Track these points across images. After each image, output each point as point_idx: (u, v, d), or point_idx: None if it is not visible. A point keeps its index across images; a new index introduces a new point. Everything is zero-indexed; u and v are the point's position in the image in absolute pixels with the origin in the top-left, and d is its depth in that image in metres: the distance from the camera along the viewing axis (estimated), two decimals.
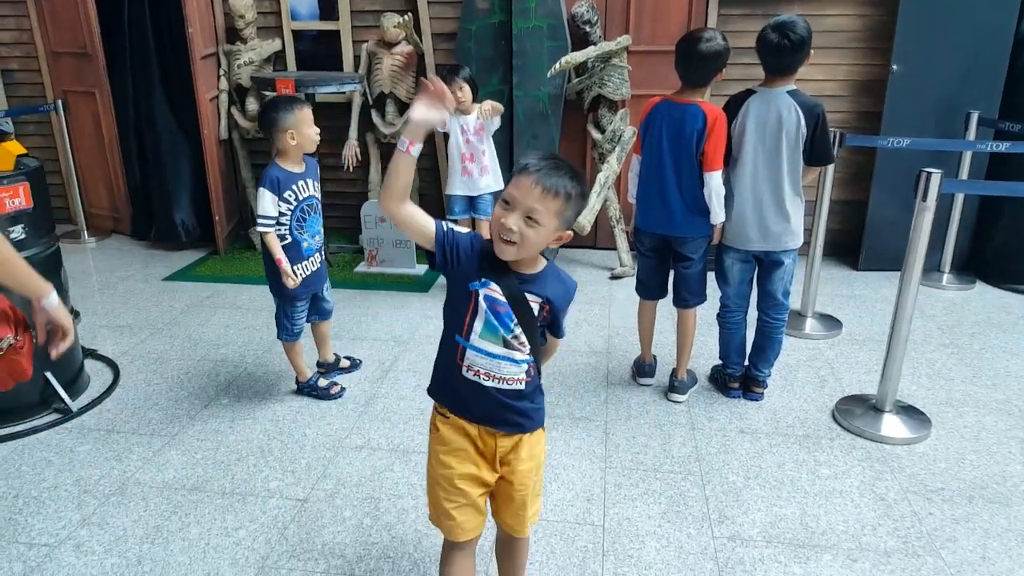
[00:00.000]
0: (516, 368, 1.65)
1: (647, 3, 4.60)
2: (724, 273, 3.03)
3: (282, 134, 2.76)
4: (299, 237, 2.89)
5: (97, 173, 5.40)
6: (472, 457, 1.70)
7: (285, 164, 2.82)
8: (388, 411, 3.04)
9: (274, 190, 2.77)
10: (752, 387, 3.14)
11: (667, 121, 2.81)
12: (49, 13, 5.11)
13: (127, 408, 3.07)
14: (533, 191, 1.53)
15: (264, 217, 2.79)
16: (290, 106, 2.77)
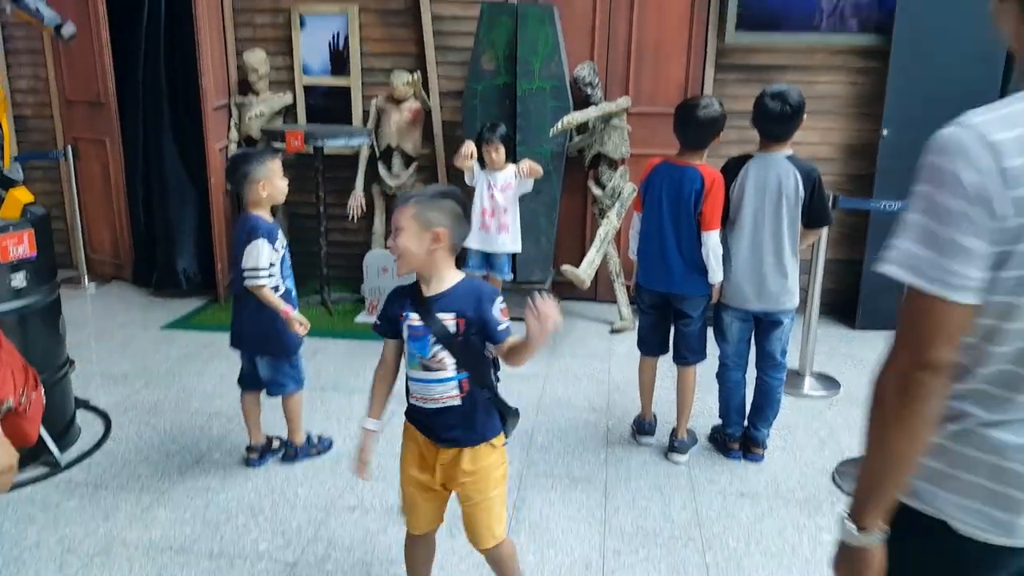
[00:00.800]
0: (443, 386, 1.85)
1: (646, 67, 4.71)
2: (723, 331, 3.04)
3: (253, 185, 2.70)
4: (289, 285, 2.84)
5: (102, 219, 5.45)
6: (419, 463, 1.95)
7: (264, 215, 2.76)
8: (383, 469, 3.00)
9: (271, 241, 2.70)
10: (752, 448, 3.11)
11: (667, 182, 2.89)
12: (66, 62, 5.23)
13: (117, 462, 3.04)
14: (394, 216, 1.84)
15: (259, 270, 2.67)
16: (261, 158, 2.74)
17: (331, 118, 5.10)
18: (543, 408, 3.56)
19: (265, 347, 2.83)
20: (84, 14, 4.84)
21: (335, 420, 3.42)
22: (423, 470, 1.94)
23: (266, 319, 2.74)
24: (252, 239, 2.67)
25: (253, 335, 2.82)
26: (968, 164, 0.98)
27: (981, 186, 0.97)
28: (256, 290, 2.68)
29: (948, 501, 1.09)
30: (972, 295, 0.99)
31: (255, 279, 2.66)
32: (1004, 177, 0.96)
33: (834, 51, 4.53)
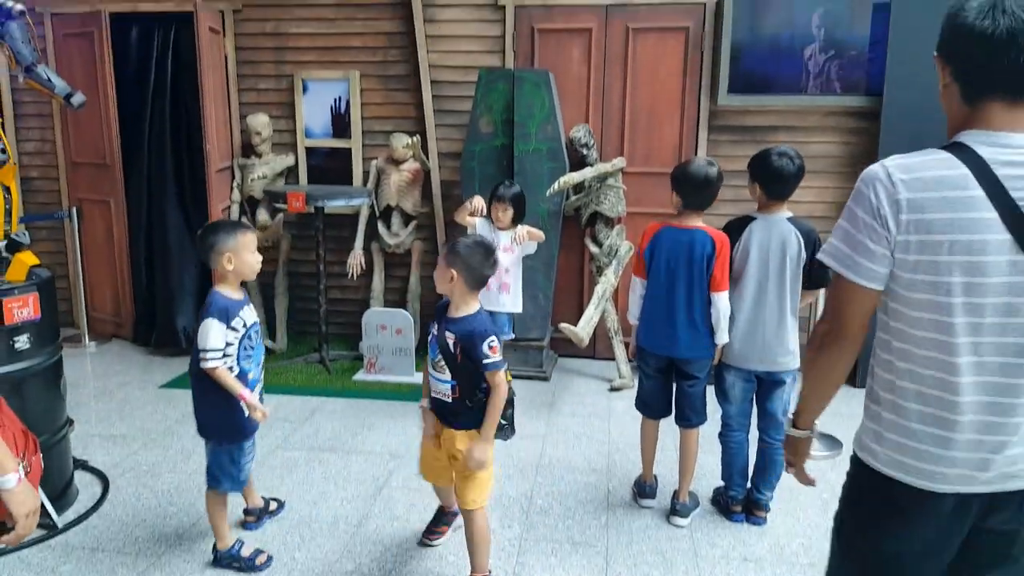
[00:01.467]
0: (443, 385, 2.48)
1: (640, 128, 4.83)
2: (725, 392, 3.05)
3: (219, 257, 2.55)
4: (246, 367, 2.62)
5: (104, 278, 5.50)
6: (433, 435, 2.58)
7: (226, 291, 2.60)
8: (380, 533, 2.99)
9: (223, 319, 2.53)
10: (755, 511, 3.09)
11: (675, 246, 2.92)
12: (73, 125, 5.35)
13: (114, 524, 3.02)
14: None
15: (211, 351, 2.49)
16: (232, 230, 2.59)
17: (332, 178, 5.20)
18: (542, 469, 3.55)
19: (211, 431, 2.65)
20: (92, 78, 4.98)
21: (332, 482, 3.40)
22: (433, 440, 2.59)
23: (215, 401, 2.57)
24: (203, 318, 2.53)
25: (201, 416, 2.65)
26: (877, 190, 1.39)
27: (881, 207, 1.38)
28: (209, 372, 2.50)
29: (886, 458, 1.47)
30: (875, 283, 1.42)
31: (205, 361, 2.49)
32: (898, 205, 1.37)
33: (825, 112, 4.65)
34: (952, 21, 1.39)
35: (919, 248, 1.36)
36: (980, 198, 1.32)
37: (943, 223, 1.34)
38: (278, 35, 5.11)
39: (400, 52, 5.00)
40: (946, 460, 1.39)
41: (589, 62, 4.78)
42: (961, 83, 1.40)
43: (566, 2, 4.73)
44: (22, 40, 3.19)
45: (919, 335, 1.40)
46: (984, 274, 1.33)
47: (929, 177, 1.36)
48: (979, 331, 1.35)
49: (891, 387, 1.45)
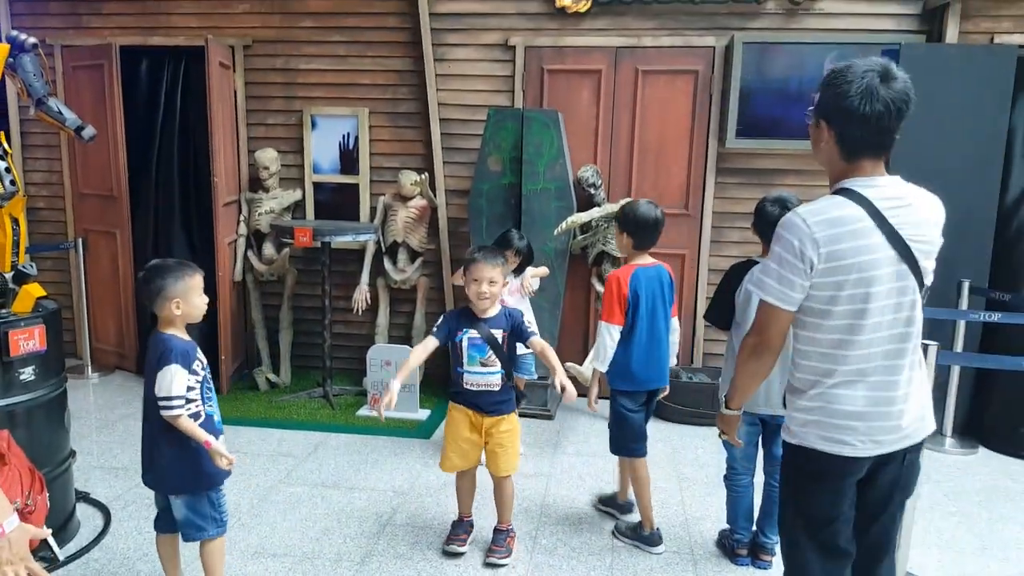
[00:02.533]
0: (492, 377, 2.90)
1: (648, 169, 4.88)
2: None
3: (166, 302, 2.39)
4: (210, 411, 2.48)
5: (108, 310, 5.49)
6: (468, 427, 2.96)
7: (178, 334, 2.45)
8: (384, 571, 2.94)
9: (185, 364, 2.37)
10: (760, 555, 3.06)
11: (650, 283, 3.09)
12: (81, 157, 5.39)
13: (116, 558, 2.98)
14: (487, 268, 2.84)
15: (175, 398, 2.33)
16: (179, 273, 2.42)
17: (339, 213, 5.23)
18: (547, 508, 3.51)
19: (182, 484, 2.47)
20: (101, 110, 5.04)
21: (335, 519, 3.36)
22: (472, 431, 2.96)
23: (183, 452, 2.41)
24: (163, 364, 2.35)
25: (167, 470, 2.45)
26: (796, 235, 1.80)
27: (802, 247, 1.79)
28: (172, 421, 2.34)
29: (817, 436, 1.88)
30: (793, 307, 1.86)
31: (169, 409, 2.33)
32: (816, 242, 1.78)
33: None
34: (837, 102, 1.80)
35: (834, 271, 1.79)
36: (871, 227, 1.79)
37: (850, 249, 1.78)
38: (288, 71, 5.18)
39: (409, 90, 5.06)
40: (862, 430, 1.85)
41: (598, 103, 4.84)
42: (840, 145, 1.84)
43: (576, 44, 4.81)
44: (34, 73, 3.23)
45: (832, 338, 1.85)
46: (879, 283, 1.80)
47: (834, 217, 1.80)
48: (878, 328, 1.82)
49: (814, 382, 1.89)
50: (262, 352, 5.22)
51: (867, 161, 1.84)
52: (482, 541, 3.14)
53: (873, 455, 1.87)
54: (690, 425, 4.62)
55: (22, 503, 2.42)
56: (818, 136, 1.89)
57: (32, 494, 2.62)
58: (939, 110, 4.33)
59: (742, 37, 4.60)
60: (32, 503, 2.58)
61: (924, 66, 4.31)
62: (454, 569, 2.97)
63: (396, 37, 5.03)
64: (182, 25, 5.21)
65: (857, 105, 1.77)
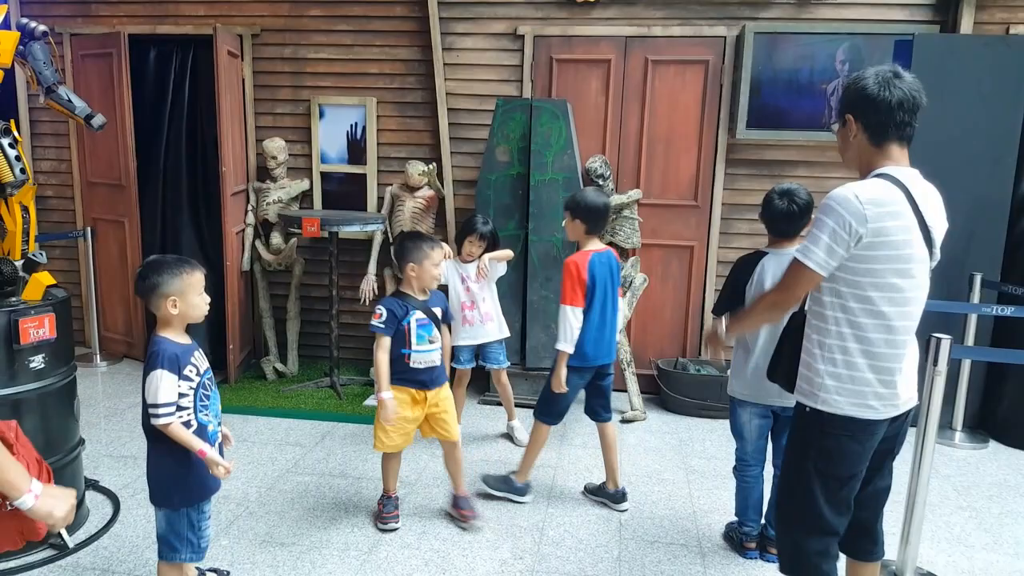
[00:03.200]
0: (435, 353, 3.12)
1: (657, 160, 4.85)
2: (741, 429, 3.02)
3: (162, 300, 2.24)
4: (203, 420, 2.31)
5: (116, 298, 5.51)
6: (409, 406, 3.12)
7: (172, 336, 2.29)
8: (392, 560, 2.95)
9: (173, 369, 2.22)
10: (770, 548, 3.04)
11: (603, 268, 3.28)
12: (89, 146, 5.39)
13: (125, 546, 2.99)
14: (439, 254, 3.13)
15: (163, 405, 2.18)
16: (177, 270, 2.27)
17: (347, 203, 5.22)
18: (554, 500, 3.51)
19: (163, 496, 2.32)
20: (110, 99, 5.03)
21: (343, 508, 3.37)
22: (415, 408, 3.14)
23: (171, 462, 2.27)
24: (150, 368, 2.22)
25: (151, 479, 2.33)
26: (848, 209, 1.93)
27: (853, 221, 1.93)
28: (163, 429, 2.20)
29: (845, 402, 2.05)
30: (826, 273, 2.00)
31: (156, 417, 2.19)
32: (866, 217, 1.92)
33: None
34: (860, 94, 2.01)
35: (878, 246, 1.95)
36: (908, 210, 1.97)
37: (894, 228, 1.95)
38: (296, 60, 5.16)
39: (417, 80, 5.04)
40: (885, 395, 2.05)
41: (607, 93, 4.81)
42: (869, 133, 2.02)
43: (585, 33, 4.78)
44: (44, 61, 3.22)
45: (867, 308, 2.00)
46: (914, 261, 2.00)
47: (882, 196, 1.95)
48: (907, 302, 2.01)
49: (844, 349, 2.04)
50: (269, 342, 5.22)
51: (895, 147, 2.03)
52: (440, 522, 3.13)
53: (889, 417, 2.08)
54: (698, 418, 4.62)
55: None
56: (846, 133, 2.08)
57: None
58: (953, 102, 4.29)
59: (753, 27, 4.55)
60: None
61: (938, 57, 4.28)
62: (461, 559, 2.97)
63: (404, 26, 5.00)
64: (190, 14, 5.20)
65: (878, 92, 1.99)
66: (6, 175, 3.00)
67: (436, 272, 3.10)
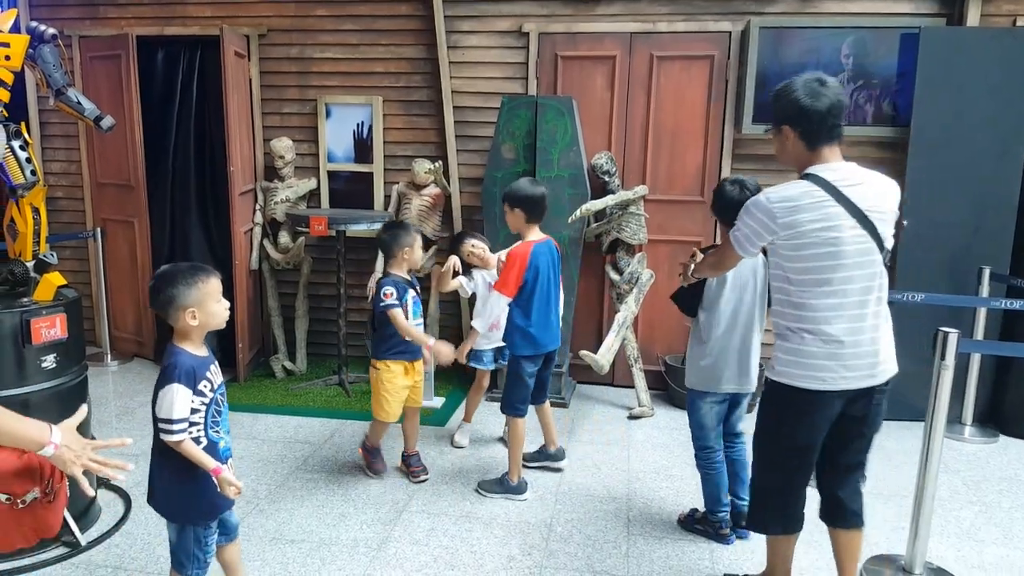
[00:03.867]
0: (421, 327, 3.51)
1: (663, 156, 4.84)
2: (701, 420, 3.07)
3: (180, 312, 2.13)
4: (215, 437, 2.21)
5: (126, 298, 5.55)
6: (402, 377, 3.52)
7: (190, 348, 2.17)
8: (401, 557, 2.97)
9: (189, 384, 2.11)
10: (740, 522, 3.07)
11: (546, 258, 3.41)
12: (98, 147, 5.43)
13: (137, 543, 3.02)
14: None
15: (176, 421, 2.09)
16: (192, 279, 2.13)
17: (354, 202, 5.24)
18: (562, 497, 3.52)
19: (173, 512, 2.26)
20: (118, 100, 5.07)
21: (352, 505, 3.39)
22: (407, 377, 3.54)
23: (182, 479, 2.19)
24: (165, 382, 2.11)
25: (161, 494, 2.26)
26: (760, 210, 2.28)
27: (766, 220, 2.27)
28: (174, 446, 2.12)
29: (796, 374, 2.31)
30: (747, 255, 2.43)
31: (168, 433, 2.09)
32: (774, 215, 2.24)
33: (851, 143, 4.63)
34: (794, 104, 2.26)
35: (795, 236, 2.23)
36: (828, 200, 2.22)
37: (807, 219, 2.21)
38: (302, 60, 5.18)
39: (423, 78, 5.05)
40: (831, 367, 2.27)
41: (613, 89, 4.81)
42: (804, 140, 2.29)
43: (590, 30, 4.78)
44: (53, 64, 3.25)
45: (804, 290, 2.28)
46: (844, 244, 2.21)
47: (791, 195, 2.25)
48: (847, 281, 2.24)
49: (789, 328, 2.32)
50: (278, 340, 5.25)
51: (826, 149, 2.29)
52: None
53: (841, 389, 2.28)
54: None
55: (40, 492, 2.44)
56: (783, 141, 2.34)
57: (52, 482, 2.65)
58: (960, 95, 4.28)
59: (758, 22, 4.55)
60: (52, 491, 2.61)
61: (945, 50, 4.26)
62: (470, 555, 2.99)
63: (409, 25, 5.02)
64: (197, 15, 5.23)
65: (811, 104, 2.24)
66: (17, 177, 3.03)
67: (419, 255, 3.55)
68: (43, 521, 1.94)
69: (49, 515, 2.04)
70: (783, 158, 2.38)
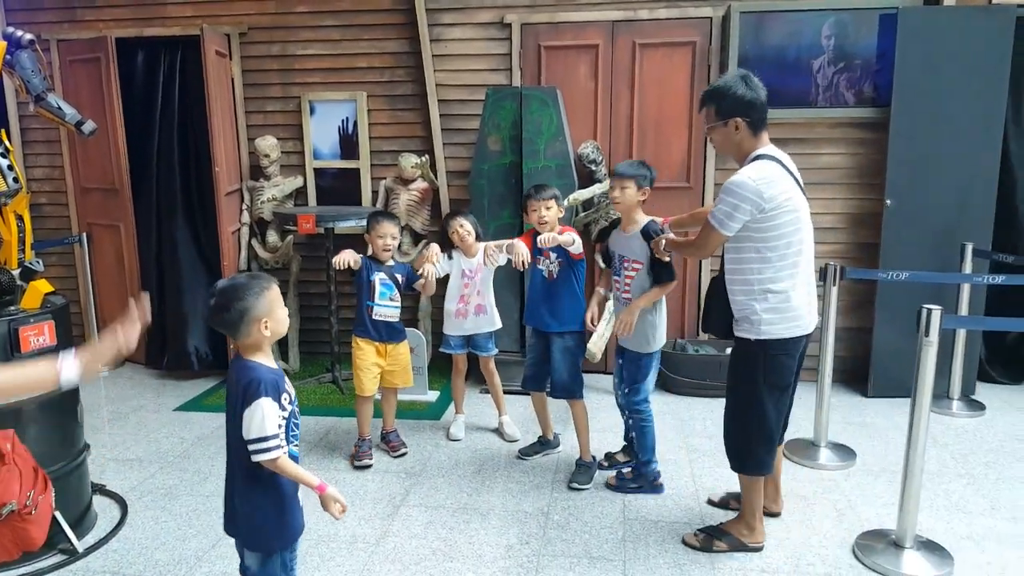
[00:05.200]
0: (396, 310, 3.74)
1: (648, 144, 4.86)
2: (654, 376, 3.44)
3: (254, 325, 2.00)
4: (294, 452, 2.09)
5: (115, 303, 5.52)
6: (375, 355, 3.75)
7: (264, 361, 2.05)
8: (399, 551, 2.99)
9: (276, 397, 2.00)
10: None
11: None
12: (81, 152, 5.39)
13: (134, 548, 3.02)
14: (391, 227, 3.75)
15: (272, 438, 1.96)
16: (258, 288, 2.02)
17: (341, 198, 5.23)
18: (557, 485, 3.55)
19: (262, 540, 2.11)
20: (99, 103, 5.03)
21: (349, 501, 3.33)
22: (378, 357, 3.76)
23: (272, 502, 2.07)
24: (253, 398, 1.97)
25: (248, 521, 2.09)
26: (746, 190, 2.54)
27: (753, 197, 2.54)
28: (270, 465, 1.98)
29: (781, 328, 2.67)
30: (730, 234, 2.61)
31: (265, 452, 1.96)
32: (760, 192, 2.53)
33: (833, 124, 4.68)
34: (740, 99, 2.62)
35: (776, 208, 2.55)
36: (787, 176, 2.61)
37: (781, 193, 2.56)
38: (284, 57, 5.16)
39: (407, 72, 5.05)
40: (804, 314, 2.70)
41: (596, 78, 4.82)
42: (751, 128, 2.65)
43: (572, 19, 4.78)
44: (32, 69, 3.23)
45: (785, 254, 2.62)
46: (803, 212, 2.63)
47: (769, 173, 2.57)
48: (807, 244, 2.68)
49: (770, 290, 2.64)
50: None
51: (765, 134, 2.68)
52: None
53: (809, 331, 2.74)
54: (697, 397, 4.66)
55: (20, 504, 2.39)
56: (731, 133, 2.66)
57: (34, 495, 2.61)
58: (938, 73, 4.31)
59: (739, 7, 4.56)
60: (32, 503, 2.56)
61: (923, 29, 4.29)
62: (468, 546, 3.01)
63: (391, 19, 5.00)
64: (177, 15, 5.19)
65: (754, 96, 2.63)
66: (0, 185, 3.01)
67: (381, 243, 3.71)
68: (24, 535, 1.90)
69: (31, 528, 1.99)
70: (726, 148, 2.71)
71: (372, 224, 3.76)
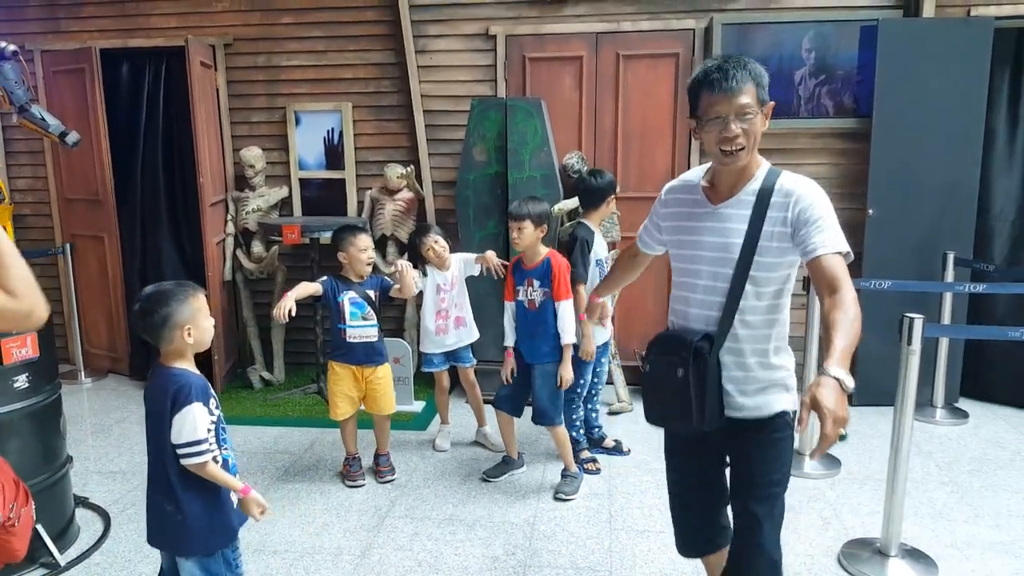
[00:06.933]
0: (371, 329, 3.56)
1: (633, 153, 4.89)
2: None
3: (175, 332, 2.04)
4: (224, 454, 2.13)
5: (99, 314, 5.49)
6: (351, 381, 3.59)
7: (189, 367, 2.09)
8: (385, 563, 2.97)
9: (205, 402, 2.04)
10: None
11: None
12: (65, 162, 5.36)
13: (117, 561, 2.99)
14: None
15: (201, 442, 2.00)
16: (182, 295, 2.06)
17: (326, 209, 5.23)
18: (543, 495, 3.54)
19: (197, 543, 2.09)
20: (83, 114, 5.01)
21: (334, 513, 3.39)
22: (354, 382, 3.59)
23: (204, 505, 2.08)
24: (183, 404, 2.01)
25: (181, 528, 2.07)
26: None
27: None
28: (198, 470, 2.02)
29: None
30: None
31: (196, 455, 2.00)
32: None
33: (815, 134, 4.73)
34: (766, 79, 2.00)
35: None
36: None
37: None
38: (269, 68, 5.16)
39: (392, 83, 5.06)
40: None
41: (581, 89, 4.85)
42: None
43: (557, 31, 4.81)
44: (15, 81, 3.22)
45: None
46: None
47: None
48: None
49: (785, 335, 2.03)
50: (255, 350, 5.22)
51: None
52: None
53: None
54: None
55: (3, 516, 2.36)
56: (763, 121, 1.98)
57: (16, 507, 2.58)
58: (918, 84, 4.37)
59: (721, 19, 4.61)
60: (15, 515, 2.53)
61: (902, 40, 4.35)
62: (454, 558, 3.00)
63: (376, 30, 5.02)
64: (162, 26, 5.18)
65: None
66: None
67: (363, 256, 3.52)
68: (7, 547, 1.87)
69: (14, 541, 1.96)
70: (755, 139, 1.96)
71: (348, 239, 3.51)
